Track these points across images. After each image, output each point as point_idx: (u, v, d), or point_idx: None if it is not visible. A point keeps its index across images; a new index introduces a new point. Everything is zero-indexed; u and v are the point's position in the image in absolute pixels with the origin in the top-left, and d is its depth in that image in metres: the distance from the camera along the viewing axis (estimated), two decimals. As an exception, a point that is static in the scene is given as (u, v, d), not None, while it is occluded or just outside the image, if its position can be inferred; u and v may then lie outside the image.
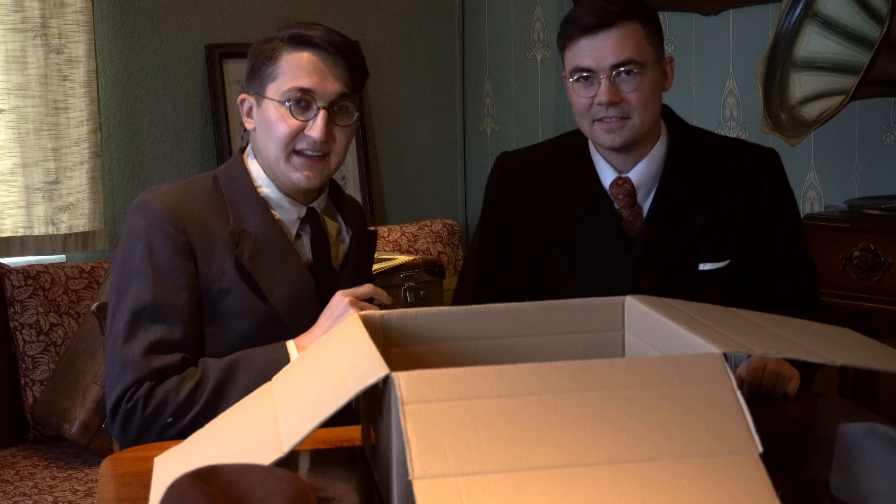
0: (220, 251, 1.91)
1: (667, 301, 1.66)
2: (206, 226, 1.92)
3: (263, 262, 1.92)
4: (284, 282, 1.93)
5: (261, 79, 1.95)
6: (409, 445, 1.17)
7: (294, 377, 1.53)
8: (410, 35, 4.33)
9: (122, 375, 1.83)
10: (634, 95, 2.05)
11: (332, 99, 1.93)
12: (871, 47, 2.55)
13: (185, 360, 1.85)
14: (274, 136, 1.93)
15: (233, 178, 1.99)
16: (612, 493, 1.17)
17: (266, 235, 1.94)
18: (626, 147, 2.10)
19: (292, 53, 1.93)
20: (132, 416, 1.81)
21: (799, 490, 1.39)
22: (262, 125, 1.96)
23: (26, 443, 3.31)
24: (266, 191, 1.98)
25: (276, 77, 1.93)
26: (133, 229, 1.91)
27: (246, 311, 1.90)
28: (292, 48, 1.93)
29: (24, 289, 3.34)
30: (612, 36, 2.04)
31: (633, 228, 2.14)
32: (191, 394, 1.80)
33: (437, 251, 4.10)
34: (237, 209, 1.95)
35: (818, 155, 3.10)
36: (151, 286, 1.85)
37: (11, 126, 3.50)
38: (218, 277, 1.90)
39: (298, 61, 1.92)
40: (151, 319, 1.85)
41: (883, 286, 2.59)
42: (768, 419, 1.62)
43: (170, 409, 1.80)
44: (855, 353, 1.60)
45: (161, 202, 1.91)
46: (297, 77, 1.92)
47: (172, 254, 1.87)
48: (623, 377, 1.29)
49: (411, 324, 1.65)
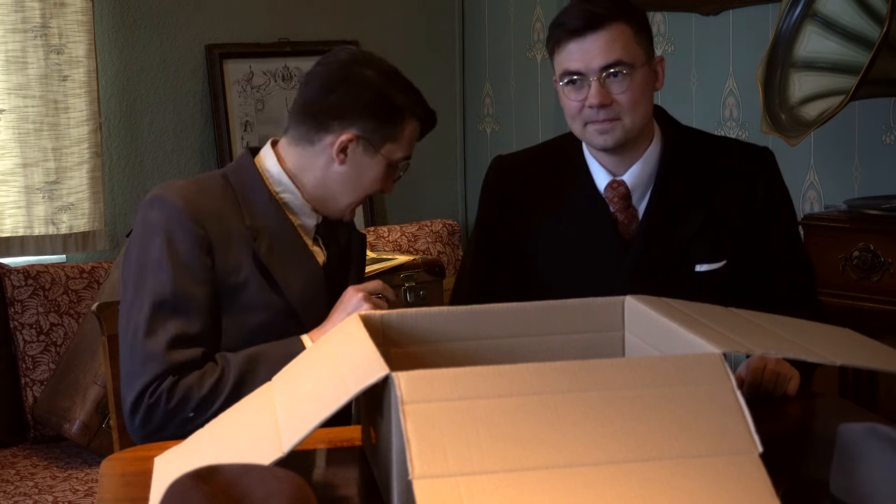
0: (236, 245, 1.92)
1: (666, 301, 1.66)
2: (223, 220, 1.93)
3: (279, 257, 1.94)
4: (299, 276, 1.95)
5: (381, 132, 1.97)
6: (409, 445, 1.17)
7: (294, 377, 1.53)
8: (410, 35, 4.33)
9: (144, 369, 1.83)
10: (624, 96, 2.05)
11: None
12: (871, 47, 2.55)
13: (205, 355, 1.86)
14: (362, 192, 2.01)
15: (244, 177, 1.99)
16: (612, 493, 1.17)
17: (280, 232, 1.96)
18: (618, 148, 2.10)
19: (414, 125, 2.01)
20: (155, 411, 1.82)
21: (799, 490, 1.39)
22: (354, 174, 1.99)
23: (26, 443, 3.31)
24: (286, 197, 1.99)
25: (395, 140, 1.99)
26: (150, 222, 1.90)
27: (262, 304, 1.92)
28: (417, 123, 2.02)
29: (24, 289, 3.34)
30: (600, 38, 2.03)
31: (628, 231, 2.14)
32: (213, 388, 1.82)
33: (437, 251, 4.10)
34: (250, 206, 1.96)
35: (818, 155, 3.10)
36: (171, 278, 1.86)
37: (12, 126, 3.50)
38: (236, 271, 1.91)
39: (415, 135, 2.03)
40: (172, 312, 1.85)
41: (883, 286, 2.59)
42: (768, 419, 1.62)
43: (192, 403, 1.81)
44: (855, 353, 1.60)
45: (179, 196, 1.91)
46: (408, 149, 2.03)
47: (192, 247, 1.88)
48: (623, 377, 1.29)
49: (411, 324, 1.65)
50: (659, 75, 2.13)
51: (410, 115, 2.00)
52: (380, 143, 1.98)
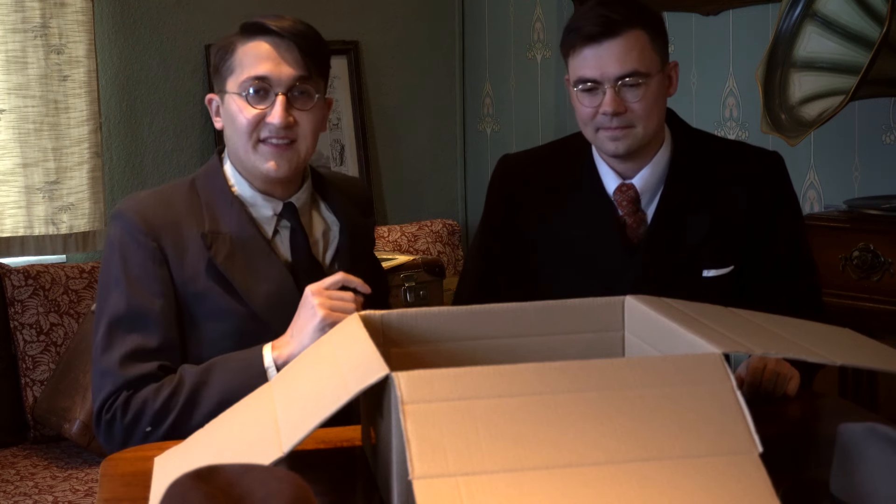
0: (193, 254, 1.90)
1: (666, 301, 1.66)
2: (179, 230, 1.91)
3: (239, 263, 1.91)
4: (262, 280, 1.91)
5: (221, 75, 1.96)
6: (409, 445, 1.17)
7: (294, 377, 1.53)
8: (410, 35, 4.33)
9: (101, 385, 1.84)
10: (639, 105, 2.03)
11: (290, 83, 1.92)
12: (871, 47, 2.55)
13: (162, 368, 1.84)
14: (237, 129, 1.93)
15: (209, 179, 1.98)
16: (612, 493, 1.17)
17: (242, 235, 1.93)
18: (630, 154, 2.09)
19: (247, 44, 1.93)
20: (112, 426, 1.82)
21: (799, 490, 1.39)
22: (227, 120, 1.96)
23: (26, 443, 3.31)
24: (238, 189, 1.97)
25: (233, 70, 1.94)
26: (110, 238, 1.93)
27: (225, 311, 1.89)
28: (246, 38, 1.94)
29: (24, 289, 3.34)
30: (616, 45, 2.01)
31: (636, 234, 2.13)
32: (167, 400, 1.80)
33: (437, 251, 4.10)
34: (213, 210, 1.94)
35: (818, 155, 3.10)
36: (126, 295, 1.86)
37: (12, 126, 3.50)
38: (193, 280, 1.89)
39: (253, 50, 1.92)
40: (128, 328, 1.85)
41: (883, 286, 2.59)
42: (768, 419, 1.62)
43: (147, 417, 1.80)
44: (855, 353, 1.60)
45: (134, 210, 1.91)
46: (252, 66, 1.91)
47: (145, 260, 1.87)
48: (623, 377, 1.29)
49: (411, 324, 1.65)
50: (673, 80, 2.11)
51: (235, 40, 1.95)
52: (224, 84, 1.95)
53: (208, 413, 1.72)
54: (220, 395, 1.74)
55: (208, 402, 1.76)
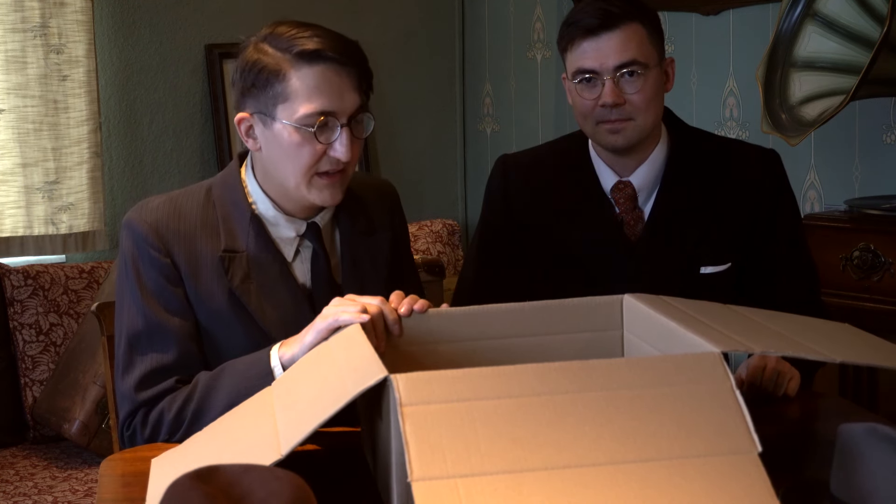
0: (208, 272, 1.84)
1: (665, 300, 1.66)
2: (193, 244, 1.84)
3: (255, 286, 1.84)
4: (278, 305, 1.85)
5: (266, 99, 1.80)
6: (407, 447, 1.17)
7: (294, 380, 1.53)
8: (410, 35, 4.33)
9: (121, 405, 1.84)
10: (638, 97, 2.04)
11: (352, 113, 1.80)
12: (871, 47, 2.55)
13: (179, 381, 1.82)
14: (297, 163, 1.80)
15: (226, 191, 1.89)
16: (612, 494, 1.17)
17: (259, 256, 1.85)
18: (628, 148, 2.09)
19: (301, 70, 1.78)
20: (135, 441, 1.82)
21: (799, 490, 1.39)
22: (276, 150, 1.81)
23: (26, 443, 3.31)
24: (260, 208, 1.87)
25: (287, 98, 1.78)
26: (122, 249, 1.87)
27: (240, 331, 1.84)
28: (300, 64, 1.78)
29: (23, 289, 3.34)
30: (615, 37, 2.03)
31: (634, 232, 2.13)
32: (180, 409, 1.78)
33: (437, 251, 4.10)
34: (229, 225, 1.86)
35: (818, 155, 3.10)
36: (143, 311, 1.82)
37: (11, 126, 3.50)
38: (208, 298, 1.84)
39: (311, 80, 1.77)
40: (146, 347, 1.82)
41: (883, 286, 2.59)
42: (768, 419, 1.62)
43: (164, 427, 1.79)
44: (855, 350, 1.60)
45: (146, 221, 1.84)
46: (314, 98, 1.77)
47: (157, 277, 1.82)
48: (623, 377, 1.29)
49: (410, 324, 1.65)
50: (669, 76, 2.12)
51: (284, 64, 1.79)
52: (271, 110, 1.80)
53: (218, 416, 1.70)
54: (228, 398, 1.72)
55: (217, 405, 1.74)
